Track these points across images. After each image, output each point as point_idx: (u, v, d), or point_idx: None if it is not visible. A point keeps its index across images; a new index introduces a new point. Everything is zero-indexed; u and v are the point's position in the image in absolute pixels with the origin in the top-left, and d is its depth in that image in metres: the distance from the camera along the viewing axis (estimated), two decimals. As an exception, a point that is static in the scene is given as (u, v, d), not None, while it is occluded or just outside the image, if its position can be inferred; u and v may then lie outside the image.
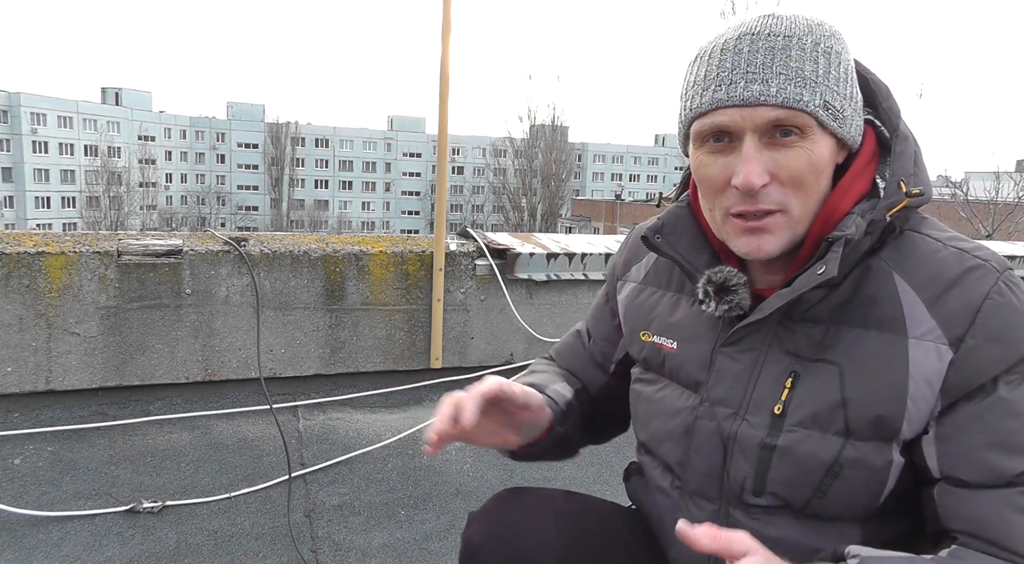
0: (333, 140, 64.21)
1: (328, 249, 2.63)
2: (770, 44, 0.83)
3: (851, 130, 0.87)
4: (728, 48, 0.84)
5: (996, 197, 14.11)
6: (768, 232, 0.86)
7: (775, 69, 0.82)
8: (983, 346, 0.81)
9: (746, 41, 0.83)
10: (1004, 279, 0.84)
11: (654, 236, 0.98)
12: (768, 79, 0.82)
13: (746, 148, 0.83)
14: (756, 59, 0.82)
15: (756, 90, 0.82)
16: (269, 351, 2.58)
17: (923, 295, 0.84)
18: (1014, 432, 0.81)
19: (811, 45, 0.83)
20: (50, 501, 1.99)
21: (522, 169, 47.13)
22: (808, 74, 0.82)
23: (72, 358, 2.35)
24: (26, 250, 2.27)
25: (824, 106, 0.83)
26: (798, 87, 0.82)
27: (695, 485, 0.98)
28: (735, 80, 0.82)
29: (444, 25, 2.58)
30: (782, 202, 0.84)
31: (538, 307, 2.92)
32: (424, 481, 2.27)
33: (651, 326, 1.05)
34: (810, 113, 0.82)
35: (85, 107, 53.50)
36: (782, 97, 0.81)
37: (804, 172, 0.84)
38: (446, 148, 2.73)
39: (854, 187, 0.88)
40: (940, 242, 0.88)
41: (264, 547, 1.91)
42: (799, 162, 0.83)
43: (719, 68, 0.84)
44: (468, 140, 65.21)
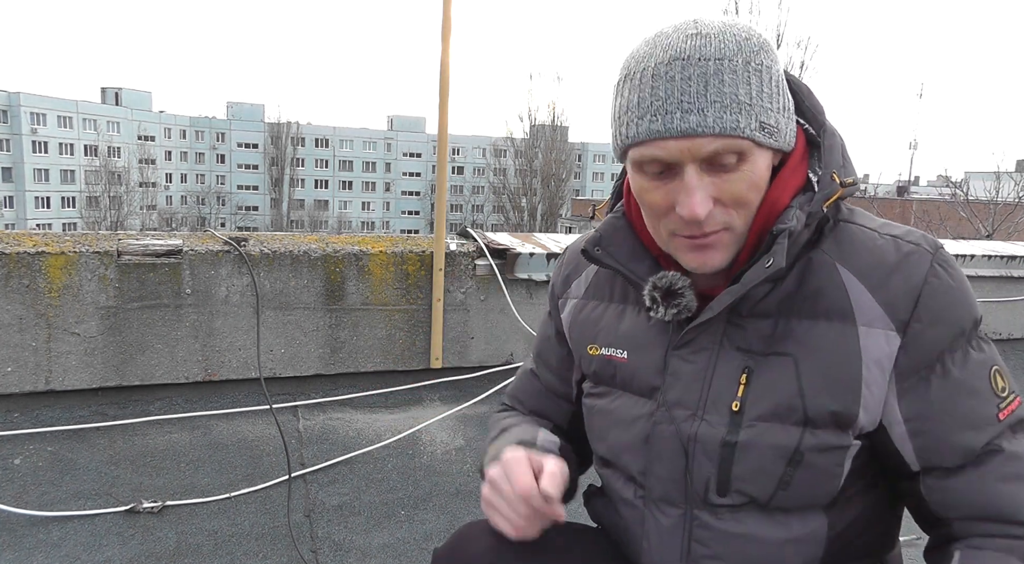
0: (333, 140, 64.22)
1: (328, 249, 2.63)
2: (702, 70, 0.81)
3: (785, 139, 0.88)
4: (660, 74, 0.82)
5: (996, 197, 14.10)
6: (714, 248, 0.88)
7: (710, 97, 0.81)
8: (927, 328, 0.86)
9: (677, 67, 0.82)
10: (937, 260, 0.88)
11: (594, 249, 0.99)
12: (704, 109, 0.80)
13: (688, 179, 0.83)
14: (690, 88, 0.81)
15: (693, 121, 0.81)
16: (269, 351, 2.58)
17: (867, 283, 0.88)
18: (972, 409, 0.86)
19: (742, 65, 0.82)
20: (50, 501, 1.99)
21: (522, 169, 47.14)
22: (743, 98, 0.81)
23: (72, 358, 2.35)
24: (26, 250, 2.27)
25: (760, 127, 0.83)
26: (734, 114, 0.81)
27: (659, 492, 0.97)
28: (670, 110, 0.81)
29: (444, 25, 2.58)
30: (726, 222, 0.86)
31: (538, 307, 2.92)
32: (424, 481, 2.27)
33: (598, 339, 1.04)
34: (747, 137, 0.82)
35: (85, 107, 53.50)
36: (719, 127, 0.81)
37: (745, 192, 0.85)
38: (446, 148, 2.73)
39: (790, 182, 0.90)
40: (875, 231, 0.92)
41: (264, 547, 1.91)
42: (740, 185, 0.84)
43: (652, 96, 0.83)
44: (468, 140, 65.21)
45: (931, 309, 0.86)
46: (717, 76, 0.81)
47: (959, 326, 0.87)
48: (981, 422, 0.86)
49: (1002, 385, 0.88)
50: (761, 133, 0.83)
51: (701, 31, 0.83)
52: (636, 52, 0.87)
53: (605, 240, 0.99)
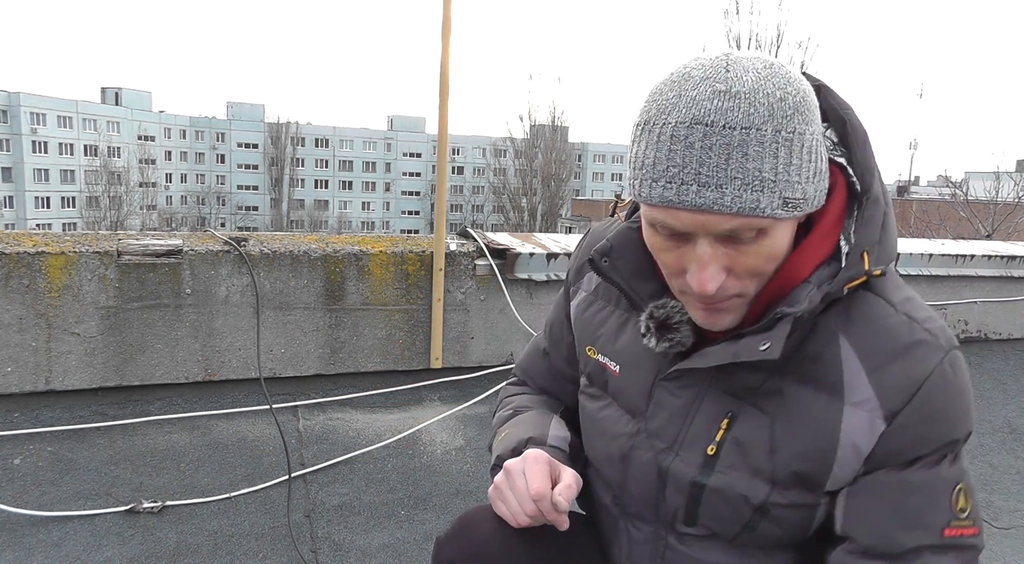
0: (333, 140, 64.20)
1: (328, 249, 2.63)
2: (725, 140, 0.73)
3: (812, 206, 0.81)
4: (679, 137, 0.75)
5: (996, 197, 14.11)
6: (725, 312, 0.84)
7: (730, 172, 0.73)
8: (915, 425, 0.81)
9: (698, 133, 0.74)
10: (949, 360, 0.82)
11: (601, 259, 0.94)
12: (722, 184, 0.73)
13: (700, 252, 0.79)
14: (710, 159, 0.73)
15: (710, 197, 0.74)
16: (269, 351, 2.58)
17: (866, 363, 0.82)
18: (917, 509, 0.82)
19: (771, 135, 0.74)
20: (50, 501, 1.99)
21: (522, 169, 47.14)
22: (767, 174, 0.74)
23: (72, 358, 2.35)
24: (26, 250, 2.27)
25: (783, 204, 0.76)
26: (755, 192, 0.74)
27: (633, 508, 0.99)
28: (686, 181, 0.74)
29: (444, 25, 2.58)
30: (740, 290, 0.82)
31: (538, 307, 2.92)
32: (424, 481, 2.27)
33: (597, 343, 1.02)
34: (767, 216, 0.76)
35: (85, 107, 53.49)
36: (737, 206, 0.74)
37: (761, 265, 0.80)
38: (446, 148, 2.73)
39: (815, 254, 0.83)
40: (892, 305, 0.85)
41: (264, 547, 1.91)
42: (756, 259, 0.79)
43: (668, 161, 0.75)
44: (468, 140, 65.20)
45: (925, 408, 0.81)
46: (741, 148, 0.73)
47: (948, 435, 0.82)
48: (921, 525, 0.82)
49: (962, 506, 0.83)
50: (784, 210, 0.76)
51: (731, 88, 0.74)
52: (659, 96, 0.78)
53: (615, 252, 0.94)
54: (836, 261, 0.83)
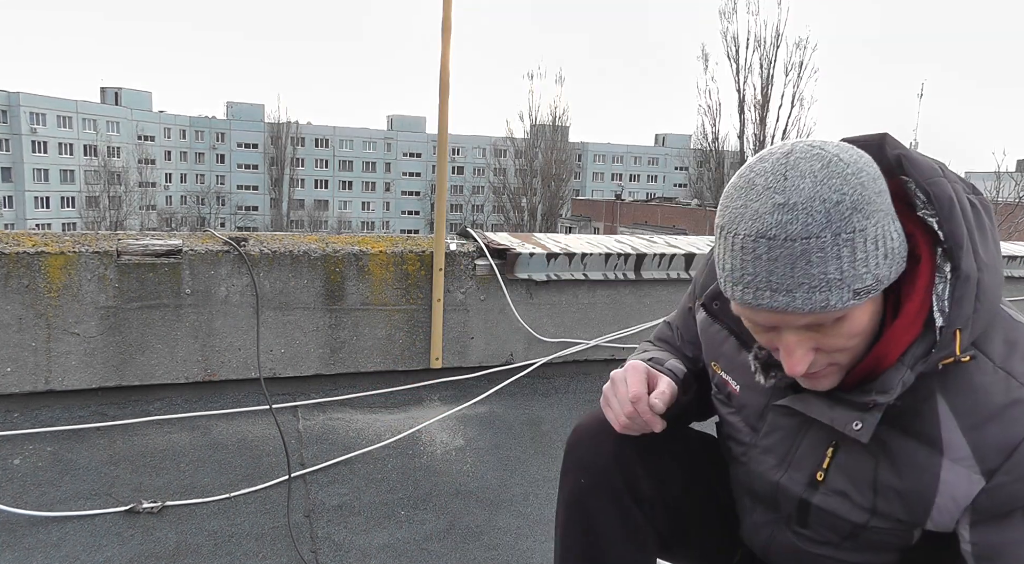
0: (333, 140, 64.20)
1: (328, 249, 2.63)
2: (788, 251, 0.78)
3: (888, 281, 0.84)
4: (747, 248, 0.81)
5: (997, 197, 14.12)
6: (823, 377, 0.91)
7: (796, 279, 0.79)
8: (1014, 483, 0.84)
9: (763, 246, 0.80)
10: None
11: (712, 303, 1.08)
12: (792, 290, 0.80)
13: (786, 340, 0.86)
14: (776, 269, 0.80)
15: (782, 301, 0.81)
16: (269, 351, 2.58)
17: (962, 422, 0.86)
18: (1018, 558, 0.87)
19: (831, 239, 0.78)
20: (50, 501, 1.99)
21: (522, 169, 47.11)
22: (832, 275, 0.79)
23: (72, 358, 2.35)
24: (25, 250, 2.27)
25: (854, 295, 0.81)
26: (823, 293, 0.79)
27: (759, 497, 1.11)
28: (759, 287, 0.82)
29: (444, 25, 2.57)
30: (831, 363, 0.89)
31: (538, 307, 2.92)
32: (424, 481, 2.27)
33: (720, 361, 1.12)
34: (840, 309, 0.81)
35: (84, 107, 53.48)
36: (808, 307, 0.80)
37: (846, 343, 0.86)
38: (446, 148, 2.73)
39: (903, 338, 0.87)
40: (992, 361, 0.87)
41: (264, 547, 1.91)
42: (839, 339, 0.85)
43: (742, 269, 0.82)
44: (468, 140, 65.19)
45: (1022, 466, 0.83)
46: (804, 257, 0.78)
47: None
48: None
49: None
50: (855, 299, 0.81)
51: (789, 200, 0.79)
52: (730, 202, 0.84)
53: (722, 296, 1.05)
54: (931, 332, 0.86)
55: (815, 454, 0.98)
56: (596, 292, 2.98)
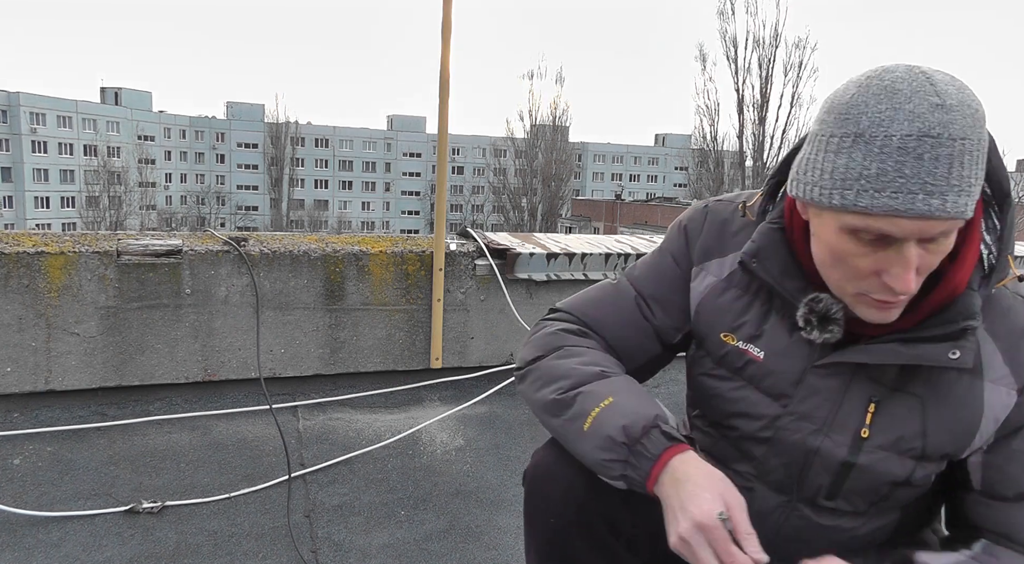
0: (333, 140, 64.19)
1: (328, 249, 2.63)
2: (949, 151, 0.79)
3: None
4: (907, 149, 0.79)
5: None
6: (896, 307, 0.89)
7: (951, 181, 0.79)
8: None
9: (927, 145, 0.78)
10: None
11: (751, 261, 1.01)
12: (945, 193, 0.79)
13: (908, 254, 0.83)
14: (937, 170, 0.78)
15: (936, 205, 0.79)
16: (269, 351, 2.58)
17: (1000, 344, 0.93)
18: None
19: (978, 144, 0.81)
20: (50, 501, 1.99)
21: (522, 169, 47.11)
22: (975, 181, 0.81)
23: (72, 358, 2.35)
24: (25, 250, 2.27)
25: (973, 204, 0.83)
26: (966, 198, 0.81)
27: (772, 481, 1.05)
28: (914, 191, 0.79)
29: (444, 25, 2.57)
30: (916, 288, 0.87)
31: (538, 307, 2.92)
32: (424, 481, 2.27)
33: (738, 331, 1.05)
34: (966, 219, 0.83)
35: (84, 107, 53.47)
36: (954, 211, 0.80)
37: (935, 263, 0.87)
38: (446, 148, 2.73)
39: (969, 261, 0.91)
40: (1020, 295, 0.96)
41: (264, 547, 1.91)
42: (936, 258, 0.86)
43: (896, 172, 0.79)
44: (468, 140, 65.18)
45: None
46: (960, 158, 0.79)
47: None
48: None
49: None
50: (971, 210, 0.83)
51: (945, 102, 0.79)
52: (866, 108, 0.81)
53: (762, 253, 1.00)
54: (982, 269, 0.93)
55: (857, 413, 0.97)
56: (596, 292, 2.98)
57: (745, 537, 0.88)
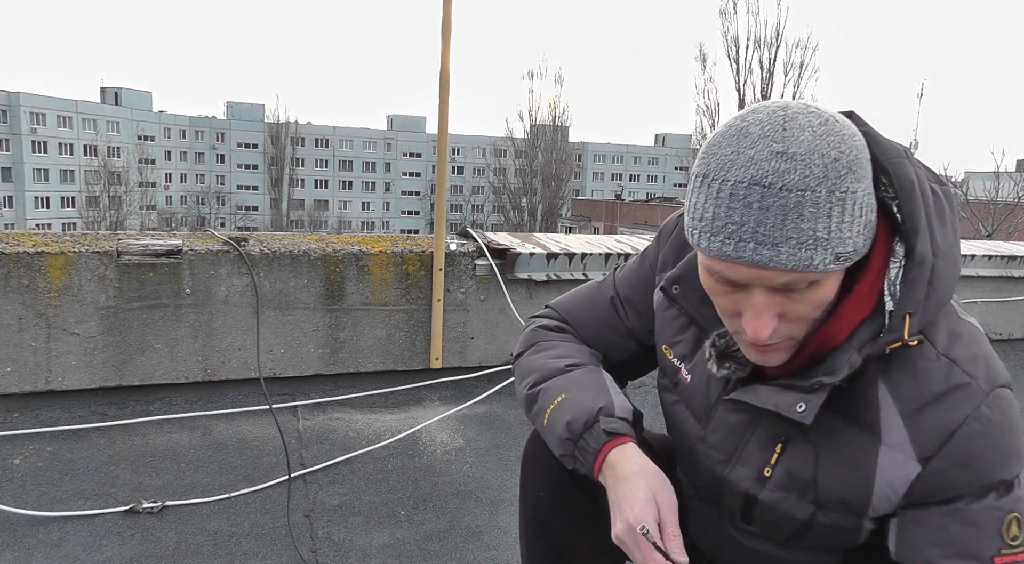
0: (333, 140, 64.19)
1: (328, 249, 2.63)
2: (782, 202, 0.76)
3: (860, 255, 0.83)
4: (737, 195, 0.77)
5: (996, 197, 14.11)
6: (775, 351, 0.88)
7: (786, 232, 0.76)
8: (950, 470, 0.84)
9: (756, 194, 0.76)
10: (988, 402, 0.83)
11: (671, 287, 1.02)
12: (778, 243, 0.77)
13: (754, 301, 0.82)
14: (767, 219, 0.76)
15: (766, 256, 0.77)
16: (269, 351, 2.58)
17: (901, 408, 0.86)
18: (964, 538, 0.83)
19: (825, 196, 0.76)
20: (50, 501, 1.99)
21: (522, 169, 47.12)
22: (820, 233, 0.77)
23: (72, 358, 2.35)
24: (25, 250, 2.27)
25: (835, 259, 0.79)
26: (809, 250, 0.77)
27: (703, 496, 1.08)
28: (744, 238, 0.77)
29: (444, 25, 2.57)
30: (789, 335, 0.86)
31: (538, 307, 2.91)
32: (424, 481, 2.27)
33: (674, 347, 1.07)
34: (820, 272, 0.79)
35: (84, 107, 53.48)
36: (791, 264, 0.77)
37: (810, 312, 0.84)
38: (446, 148, 2.73)
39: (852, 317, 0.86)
40: (935, 348, 0.86)
41: (264, 547, 1.91)
42: (807, 307, 0.83)
43: (727, 218, 0.78)
44: (468, 140, 65.18)
45: (959, 454, 0.83)
46: (797, 210, 0.76)
47: (989, 477, 0.83)
48: (970, 555, 0.83)
49: (1015, 534, 0.83)
50: (835, 264, 0.79)
51: (788, 149, 0.76)
52: (718, 149, 0.81)
53: (683, 280, 1.01)
54: (879, 315, 0.85)
55: (764, 451, 0.96)
56: (596, 292, 2.98)
57: (670, 539, 0.91)
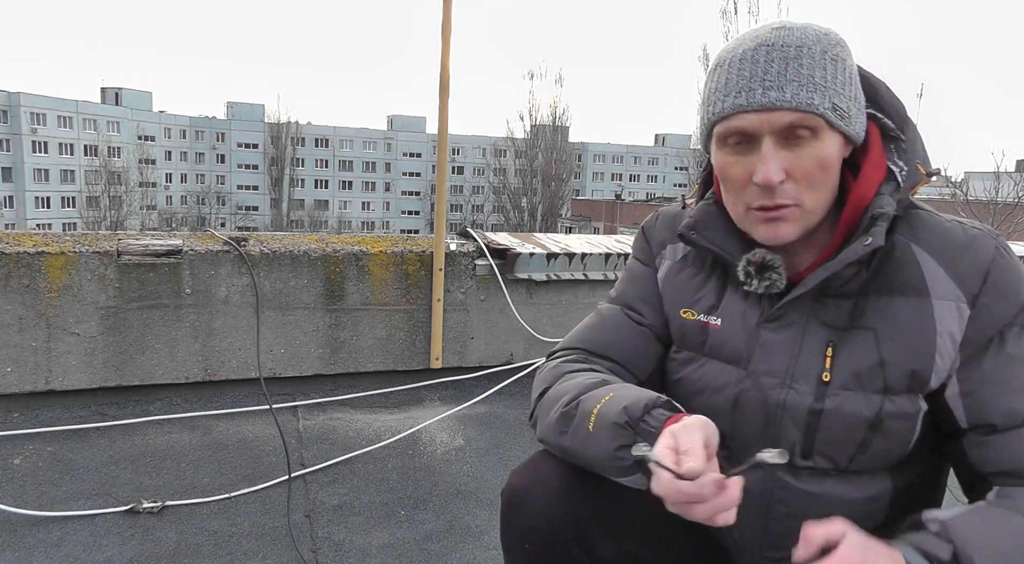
0: (333, 140, 64.20)
1: (328, 249, 2.63)
2: (784, 54, 0.92)
3: (856, 128, 0.97)
4: (746, 58, 0.94)
5: (996, 197, 14.11)
6: (784, 221, 0.95)
7: (788, 77, 0.91)
8: (994, 302, 0.94)
9: (762, 52, 0.93)
10: (999, 244, 0.98)
11: (689, 232, 1.07)
12: (783, 86, 0.91)
13: (765, 149, 0.93)
14: (772, 68, 0.92)
15: (773, 96, 0.91)
16: (269, 351, 2.58)
17: (940, 260, 0.96)
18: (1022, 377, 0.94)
19: (820, 54, 0.93)
20: (50, 501, 1.99)
21: (522, 169, 47.13)
22: (818, 80, 0.92)
23: (72, 358, 2.35)
24: (26, 250, 2.27)
25: (833, 108, 0.92)
26: (809, 92, 0.91)
27: (745, 454, 0.98)
28: (753, 87, 0.92)
29: (444, 25, 2.58)
30: (796, 197, 0.94)
31: (538, 307, 2.92)
32: (424, 481, 2.27)
33: (696, 305, 1.10)
34: (820, 114, 0.91)
35: (85, 107, 53.48)
36: (796, 101, 0.91)
37: (815, 169, 0.93)
38: (446, 148, 2.73)
39: (874, 176, 0.98)
40: (942, 216, 1.01)
41: (264, 547, 1.91)
42: (811, 161, 0.93)
43: (739, 76, 0.94)
44: (468, 140, 65.16)
45: (998, 285, 0.94)
46: (796, 60, 0.92)
47: (1019, 301, 0.95)
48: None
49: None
50: (833, 113, 0.92)
51: (786, 25, 0.95)
52: (727, 45, 0.99)
53: (700, 224, 1.07)
54: (893, 179, 0.98)
55: (816, 359, 0.99)
56: (596, 292, 2.98)
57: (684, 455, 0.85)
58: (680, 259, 1.15)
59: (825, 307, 0.99)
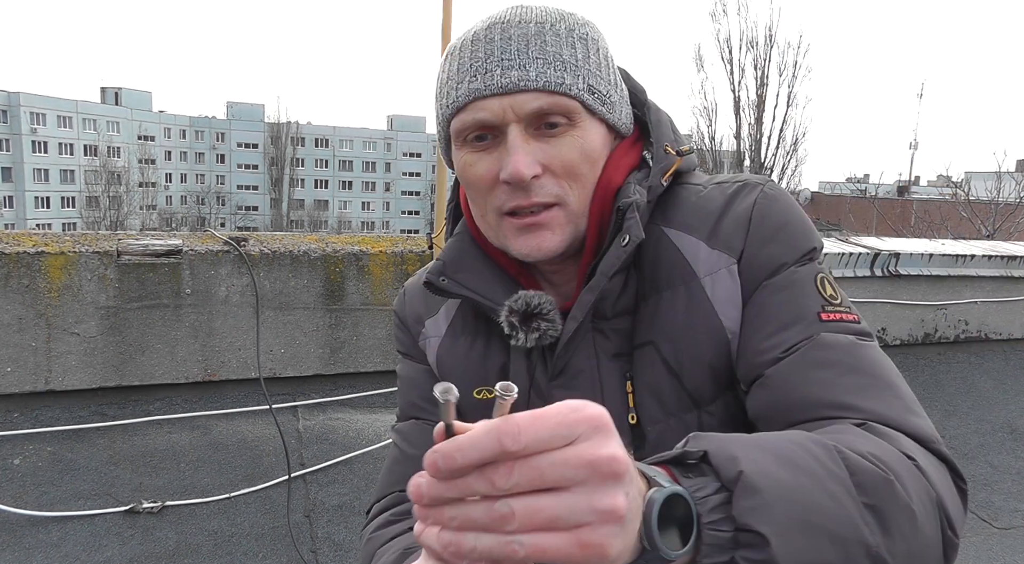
0: (333, 140, 64.23)
1: (328, 249, 2.63)
2: (523, 31, 0.77)
3: (620, 117, 0.83)
4: (479, 39, 0.78)
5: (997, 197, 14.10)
6: (546, 228, 0.79)
7: (531, 54, 0.76)
8: (760, 250, 0.80)
9: (497, 30, 0.78)
10: (766, 189, 0.83)
11: (439, 279, 0.86)
12: (526, 64, 0.76)
13: (512, 139, 0.76)
14: (510, 46, 0.77)
15: (515, 76, 0.75)
16: (269, 351, 2.58)
17: (699, 234, 0.82)
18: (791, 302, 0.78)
19: (565, 31, 0.79)
20: (50, 501, 1.99)
21: (522, 169, 47.07)
22: (567, 58, 0.77)
23: (72, 358, 2.35)
24: (26, 250, 2.27)
25: (589, 90, 0.78)
26: (559, 71, 0.76)
27: None
28: (490, 69, 0.76)
29: (444, 25, 2.57)
30: (558, 194, 0.78)
31: (538, 307, 2.92)
32: (424, 481, 2.27)
33: (488, 378, 0.88)
34: (575, 97, 0.77)
35: (85, 107, 53.50)
36: (543, 81, 0.75)
37: (577, 162, 0.78)
38: (446, 148, 2.73)
39: (622, 162, 0.83)
40: (700, 185, 0.86)
41: (264, 547, 1.91)
42: (571, 152, 0.78)
43: (472, 59, 0.78)
44: (468, 140, 65.11)
45: (763, 231, 0.80)
46: (539, 37, 0.77)
47: (793, 244, 0.81)
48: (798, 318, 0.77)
49: (831, 292, 0.80)
50: (591, 97, 0.78)
51: (524, 4, 0.81)
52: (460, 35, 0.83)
53: (451, 267, 0.86)
54: (646, 166, 0.84)
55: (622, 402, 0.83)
56: (596, 292, 2.98)
57: None
58: (448, 330, 0.93)
59: (607, 337, 0.83)
